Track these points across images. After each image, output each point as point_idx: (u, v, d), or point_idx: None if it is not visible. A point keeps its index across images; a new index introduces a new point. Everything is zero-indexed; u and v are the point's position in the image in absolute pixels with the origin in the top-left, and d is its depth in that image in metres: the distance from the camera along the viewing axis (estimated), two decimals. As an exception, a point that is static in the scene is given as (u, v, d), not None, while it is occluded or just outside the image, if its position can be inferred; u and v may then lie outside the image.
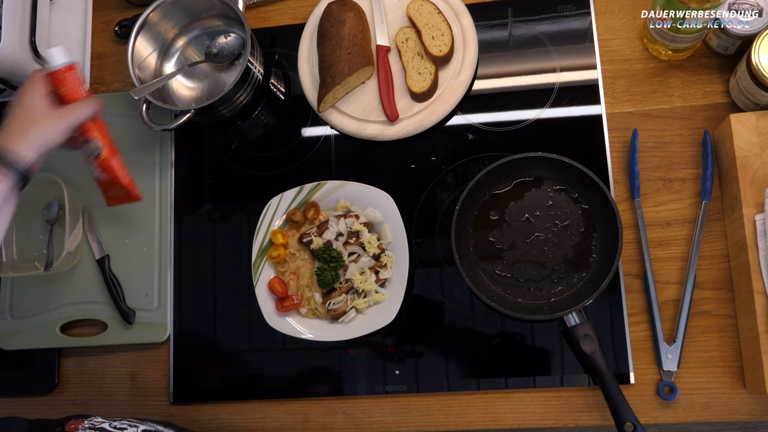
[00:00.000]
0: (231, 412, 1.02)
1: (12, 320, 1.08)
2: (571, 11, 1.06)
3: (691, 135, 0.99)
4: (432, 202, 1.03)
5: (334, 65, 1.02)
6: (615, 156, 1.00)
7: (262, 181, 1.08)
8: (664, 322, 0.94)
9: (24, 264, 1.10)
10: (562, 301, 0.95)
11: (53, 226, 1.10)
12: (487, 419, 0.96)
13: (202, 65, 1.12)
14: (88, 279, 1.08)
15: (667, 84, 1.02)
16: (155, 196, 1.09)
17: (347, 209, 1.03)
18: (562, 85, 1.04)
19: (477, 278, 0.96)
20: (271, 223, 1.03)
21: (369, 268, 0.99)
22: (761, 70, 0.88)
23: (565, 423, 0.95)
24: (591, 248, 0.96)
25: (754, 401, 0.91)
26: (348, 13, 1.04)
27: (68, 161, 1.13)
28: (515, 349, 0.98)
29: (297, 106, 1.11)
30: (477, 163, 1.03)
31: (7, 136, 0.85)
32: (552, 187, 0.99)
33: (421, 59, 1.05)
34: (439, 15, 1.05)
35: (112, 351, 1.07)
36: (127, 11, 1.19)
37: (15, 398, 1.08)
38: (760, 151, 0.90)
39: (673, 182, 0.98)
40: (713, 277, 0.95)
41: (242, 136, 1.12)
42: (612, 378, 0.89)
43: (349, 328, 0.98)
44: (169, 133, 1.12)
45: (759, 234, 0.87)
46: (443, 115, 1.04)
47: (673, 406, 0.93)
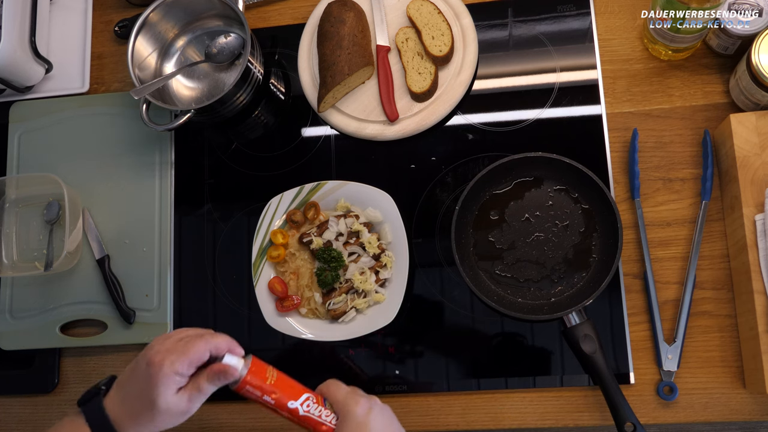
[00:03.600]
0: (231, 412, 1.02)
1: (12, 320, 1.08)
2: (571, 11, 1.06)
3: (691, 135, 0.99)
4: (432, 202, 1.03)
5: (334, 65, 1.02)
6: (615, 156, 1.00)
7: (262, 181, 1.08)
8: (664, 322, 0.94)
9: (24, 264, 1.10)
10: (562, 301, 0.95)
11: (53, 226, 1.10)
12: (487, 419, 0.96)
13: (202, 65, 1.12)
14: (88, 279, 1.08)
15: (667, 84, 1.02)
16: (155, 196, 1.09)
17: (347, 209, 1.03)
18: (562, 85, 1.04)
19: (477, 278, 0.96)
20: (271, 223, 1.03)
21: (369, 268, 0.99)
22: (761, 70, 0.88)
23: (565, 423, 0.95)
24: (591, 248, 0.96)
25: (754, 401, 0.92)
26: (348, 13, 1.04)
27: (68, 161, 1.13)
28: (515, 349, 0.98)
29: (297, 106, 1.11)
30: (477, 163, 1.03)
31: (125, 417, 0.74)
32: (552, 187, 0.99)
33: (421, 59, 1.05)
34: (439, 15, 1.05)
35: (112, 351, 1.07)
36: (127, 11, 1.19)
37: (15, 398, 1.08)
38: (760, 151, 0.90)
39: (673, 182, 0.98)
40: (713, 277, 0.95)
41: (242, 136, 1.12)
42: (612, 378, 0.89)
43: (349, 328, 0.98)
44: (169, 133, 1.12)
45: (759, 234, 0.87)
46: (443, 115, 1.04)
47: (673, 406, 0.93)
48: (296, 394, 0.78)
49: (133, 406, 0.74)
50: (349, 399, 0.78)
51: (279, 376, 0.78)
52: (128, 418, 0.74)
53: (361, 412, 0.76)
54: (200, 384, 0.75)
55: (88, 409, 0.75)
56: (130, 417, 0.74)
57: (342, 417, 0.77)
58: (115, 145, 1.12)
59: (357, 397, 0.78)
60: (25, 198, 1.13)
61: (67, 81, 1.17)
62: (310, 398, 0.78)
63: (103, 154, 1.13)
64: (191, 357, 0.74)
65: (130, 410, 0.74)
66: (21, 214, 1.12)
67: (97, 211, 1.10)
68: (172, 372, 0.73)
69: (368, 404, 0.77)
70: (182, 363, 0.73)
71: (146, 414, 0.74)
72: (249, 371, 0.76)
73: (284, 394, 0.77)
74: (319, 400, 0.79)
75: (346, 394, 0.78)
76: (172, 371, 0.73)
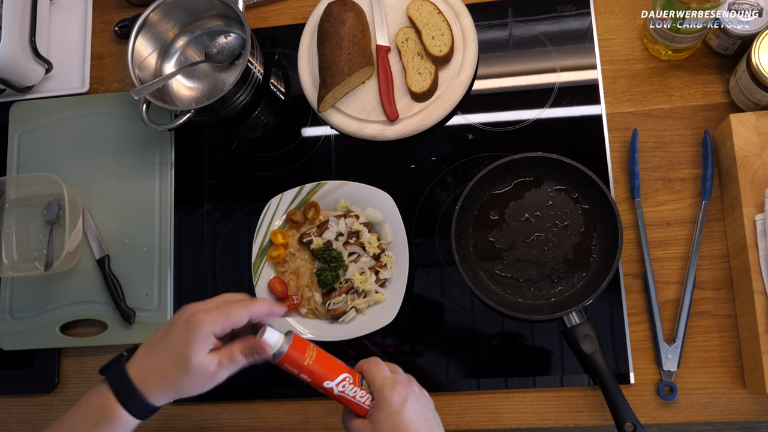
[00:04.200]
0: (231, 412, 1.02)
1: (12, 320, 1.08)
2: (571, 11, 1.06)
3: (691, 135, 0.99)
4: (432, 202, 1.03)
5: (334, 65, 1.02)
6: (615, 156, 1.00)
7: (262, 181, 1.08)
8: (664, 322, 0.94)
9: (24, 264, 1.10)
10: (562, 301, 0.95)
11: (53, 226, 1.10)
12: (487, 419, 0.96)
13: (202, 65, 1.12)
14: (88, 279, 1.08)
15: (667, 84, 1.02)
16: (155, 196, 1.09)
17: (347, 209, 1.03)
18: (562, 85, 1.04)
19: (477, 278, 0.96)
20: (271, 223, 1.03)
21: (369, 268, 0.99)
22: (761, 70, 0.88)
23: (565, 423, 0.95)
24: (591, 248, 0.96)
25: (754, 401, 0.92)
26: (348, 13, 1.04)
27: (68, 161, 1.13)
28: (515, 349, 0.98)
29: (297, 106, 1.11)
30: (477, 163, 1.03)
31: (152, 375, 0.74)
32: (552, 187, 0.99)
33: (421, 59, 1.05)
34: (439, 15, 1.05)
35: (112, 351, 1.07)
36: (127, 11, 1.19)
37: (15, 398, 1.08)
38: (760, 151, 0.90)
39: (673, 182, 0.98)
40: (713, 277, 0.95)
41: (242, 136, 1.12)
42: (612, 378, 0.89)
43: (349, 328, 0.98)
44: (169, 133, 1.12)
45: (759, 234, 0.87)
46: (443, 115, 1.04)
47: (673, 406, 0.93)
48: (333, 375, 0.78)
49: (161, 364, 0.74)
50: (387, 384, 0.78)
51: (318, 355, 0.79)
52: (155, 377, 0.74)
53: (398, 399, 0.76)
54: (234, 354, 0.75)
55: (110, 375, 0.75)
56: (156, 375, 0.74)
57: (378, 401, 0.77)
58: (115, 145, 1.12)
59: (395, 383, 0.78)
60: (25, 198, 1.13)
61: (67, 81, 1.17)
62: (347, 378, 0.78)
63: (103, 154, 1.13)
64: (232, 320, 0.75)
65: (157, 368, 0.74)
66: (21, 214, 1.12)
67: (97, 211, 1.10)
68: (211, 330, 0.73)
69: (405, 392, 0.78)
70: (222, 323, 0.74)
71: (174, 372, 0.73)
72: (287, 352, 0.76)
73: (321, 373, 0.78)
74: (356, 380, 0.79)
75: (385, 379, 0.78)
76: (210, 329, 0.73)
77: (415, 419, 0.76)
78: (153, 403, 0.74)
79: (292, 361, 0.77)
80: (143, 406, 0.74)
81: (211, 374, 0.74)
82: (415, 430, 0.75)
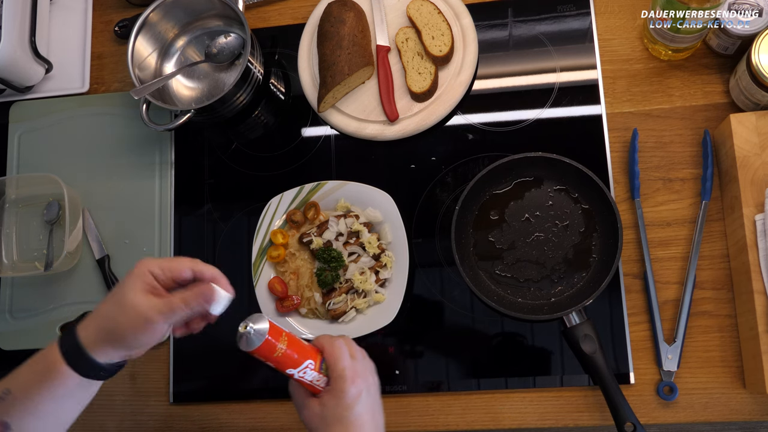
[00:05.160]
0: (231, 412, 1.02)
1: (12, 320, 1.08)
2: (571, 11, 1.06)
3: (691, 135, 0.99)
4: (432, 202, 1.03)
5: (334, 65, 1.02)
6: (615, 156, 1.00)
7: (262, 181, 1.08)
8: (664, 322, 0.94)
9: (24, 264, 1.10)
10: (562, 301, 0.95)
11: (53, 226, 1.10)
12: (487, 419, 0.96)
13: (202, 65, 1.12)
14: (88, 279, 1.08)
15: (667, 84, 1.02)
16: (155, 196, 1.09)
17: (347, 209, 1.03)
18: (562, 85, 1.04)
19: (477, 278, 0.96)
20: (271, 223, 1.03)
21: (369, 268, 0.99)
22: (761, 70, 0.88)
23: (565, 423, 0.95)
24: (591, 248, 0.96)
25: (754, 401, 0.92)
26: (348, 13, 1.04)
27: (68, 161, 1.13)
28: (515, 349, 0.98)
29: (297, 106, 1.11)
30: (477, 163, 1.03)
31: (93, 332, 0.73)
32: (552, 187, 0.99)
33: (421, 59, 1.05)
34: (439, 15, 1.05)
35: (112, 351, 1.07)
36: (127, 11, 1.19)
37: (15, 398, 1.08)
38: (760, 151, 0.90)
39: (673, 182, 0.98)
40: (713, 277, 0.95)
41: (242, 136, 1.12)
42: (612, 378, 0.89)
43: (349, 328, 0.98)
44: (169, 133, 1.12)
45: (759, 234, 0.87)
46: (443, 115, 1.04)
47: (673, 406, 0.93)
48: (297, 363, 0.77)
49: (103, 310, 0.74)
50: (346, 375, 0.77)
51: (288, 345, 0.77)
52: (95, 325, 0.73)
53: (353, 393, 0.76)
54: (173, 301, 0.72)
55: (63, 335, 0.75)
56: (96, 322, 0.73)
57: (333, 389, 0.77)
58: (115, 145, 1.13)
59: (355, 375, 0.77)
60: (25, 198, 1.13)
61: (67, 81, 1.17)
62: (309, 365, 0.78)
63: (103, 154, 1.13)
64: (173, 264, 0.74)
65: (98, 315, 0.74)
66: (21, 214, 1.13)
67: (97, 211, 1.11)
68: (147, 268, 0.73)
69: (362, 386, 0.77)
70: (160, 264, 0.74)
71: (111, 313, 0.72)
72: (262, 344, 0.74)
73: (286, 364, 0.77)
74: (317, 364, 0.78)
75: (344, 369, 0.77)
76: (147, 267, 0.73)
77: (363, 413, 0.77)
78: (95, 358, 0.72)
79: (265, 352, 0.75)
80: (87, 362, 0.72)
81: (145, 316, 0.71)
82: (361, 424, 0.76)
